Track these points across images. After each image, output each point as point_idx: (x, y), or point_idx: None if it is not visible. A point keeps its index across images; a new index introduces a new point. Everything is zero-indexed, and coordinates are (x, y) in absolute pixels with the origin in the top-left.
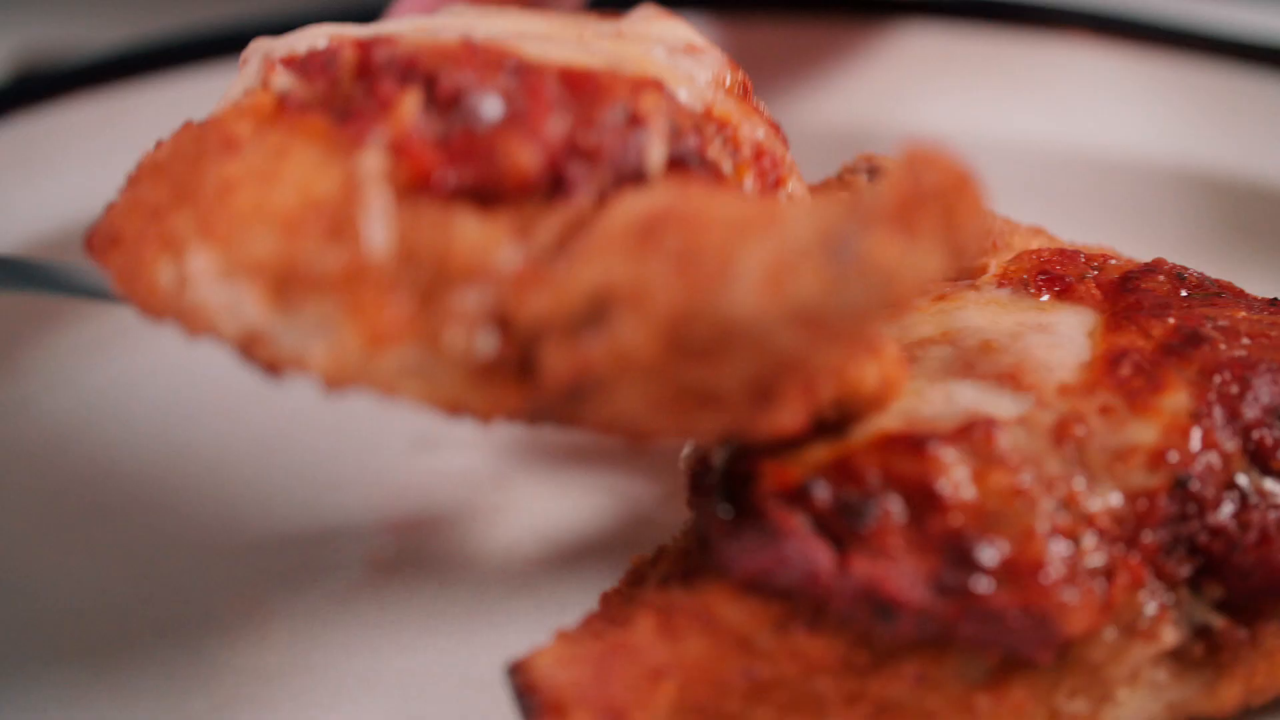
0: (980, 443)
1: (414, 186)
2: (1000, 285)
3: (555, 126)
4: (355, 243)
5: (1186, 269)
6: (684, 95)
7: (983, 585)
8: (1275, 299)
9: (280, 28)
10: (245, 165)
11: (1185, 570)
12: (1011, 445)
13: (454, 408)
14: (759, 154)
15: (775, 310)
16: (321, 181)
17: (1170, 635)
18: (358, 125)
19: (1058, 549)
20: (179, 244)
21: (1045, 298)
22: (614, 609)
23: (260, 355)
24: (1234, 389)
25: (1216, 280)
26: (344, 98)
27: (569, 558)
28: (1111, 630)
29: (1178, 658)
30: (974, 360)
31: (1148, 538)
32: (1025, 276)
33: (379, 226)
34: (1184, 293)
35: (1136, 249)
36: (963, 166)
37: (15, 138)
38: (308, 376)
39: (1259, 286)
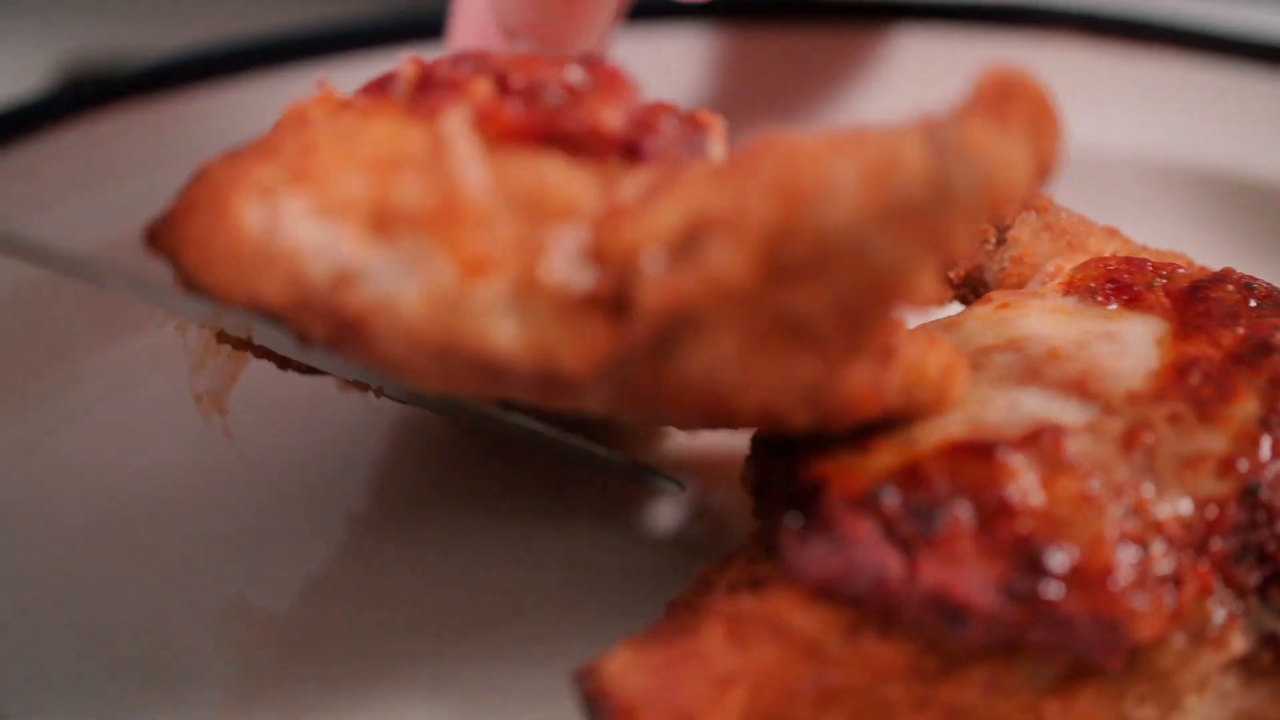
0: (1049, 449)
1: (501, 138)
2: (1066, 293)
3: (633, 97)
4: (449, 181)
5: (1255, 279)
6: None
7: (1052, 591)
8: None
9: (335, 37)
10: (325, 131)
11: (1254, 578)
12: (1080, 452)
13: (543, 355)
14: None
15: (875, 209)
16: (408, 137)
17: (1239, 643)
18: (434, 102)
19: (1127, 555)
20: (268, 189)
21: (1113, 306)
22: (681, 617)
23: (347, 301)
24: None
25: None
26: (411, 99)
27: (633, 567)
28: (1180, 637)
29: (1246, 666)
30: (1040, 367)
31: (1216, 545)
32: (1092, 285)
33: (472, 165)
34: (1253, 303)
35: (1200, 256)
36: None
37: (65, 146)
38: (392, 326)
39: None
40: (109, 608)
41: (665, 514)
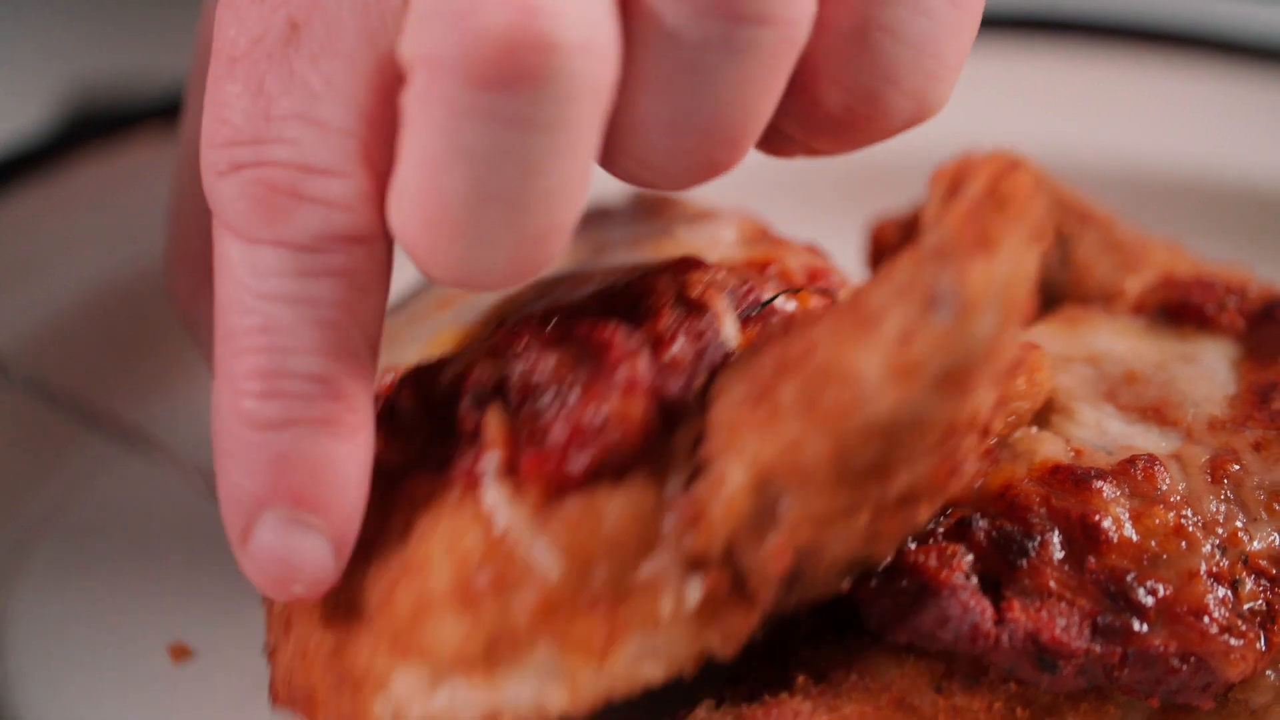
0: (1143, 480)
1: (546, 496)
2: (1137, 313)
3: (640, 365)
4: (529, 580)
5: None
6: (719, 255)
7: (1143, 628)
8: None
9: None
10: (388, 568)
11: None
12: (1170, 483)
13: (696, 661)
14: (813, 275)
15: (918, 391)
16: (464, 543)
17: None
18: (461, 466)
19: (1218, 592)
20: (376, 679)
21: (1185, 327)
22: (764, 669)
23: None
24: None
25: None
26: (425, 439)
27: None
28: (1272, 674)
29: None
30: (1117, 389)
31: None
32: (1163, 304)
33: (541, 553)
34: None
35: (1265, 272)
36: (990, 155)
37: (73, 183)
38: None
39: None
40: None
41: None
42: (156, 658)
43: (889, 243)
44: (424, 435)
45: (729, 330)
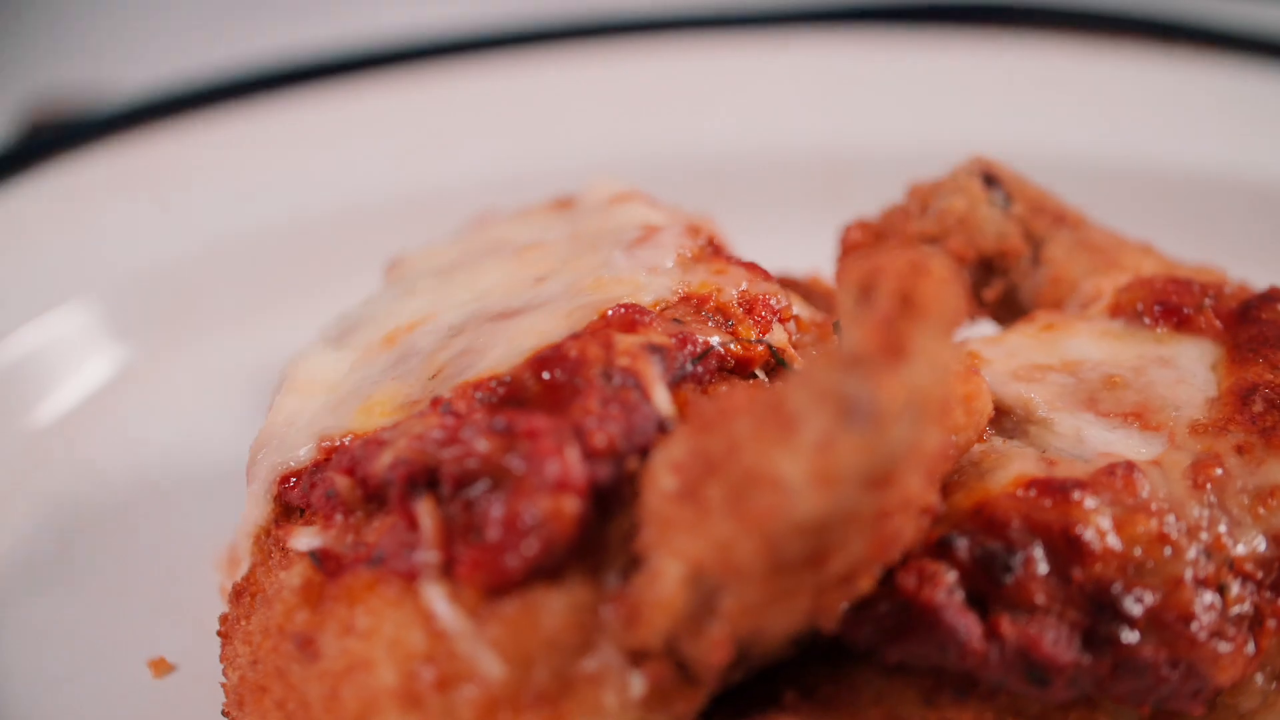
0: (1122, 489)
1: (484, 595)
2: (1114, 315)
3: (571, 460)
4: (472, 678)
5: None
6: (657, 293)
7: (1132, 638)
8: None
9: (298, 72)
10: (334, 664)
11: None
12: (1151, 490)
13: None
14: (750, 305)
15: (842, 493)
16: (406, 641)
17: None
18: (397, 562)
19: (1205, 598)
20: None
21: (1162, 329)
22: (751, 685)
23: None
24: None
25: None
26: (366, 520)
27: None
28: (1260, 678)
29: None
30: (1097, 395)
31: None
32: (1140, 307)
33: (483, 652)
34: None
35: (1238, 269)
36: (894, 256)
37: (31, 197)
38: None
39: None
40: None
41: None
42: (138, 672)
43: (859, 248)
44: (362, 517)
45: (660, 399)
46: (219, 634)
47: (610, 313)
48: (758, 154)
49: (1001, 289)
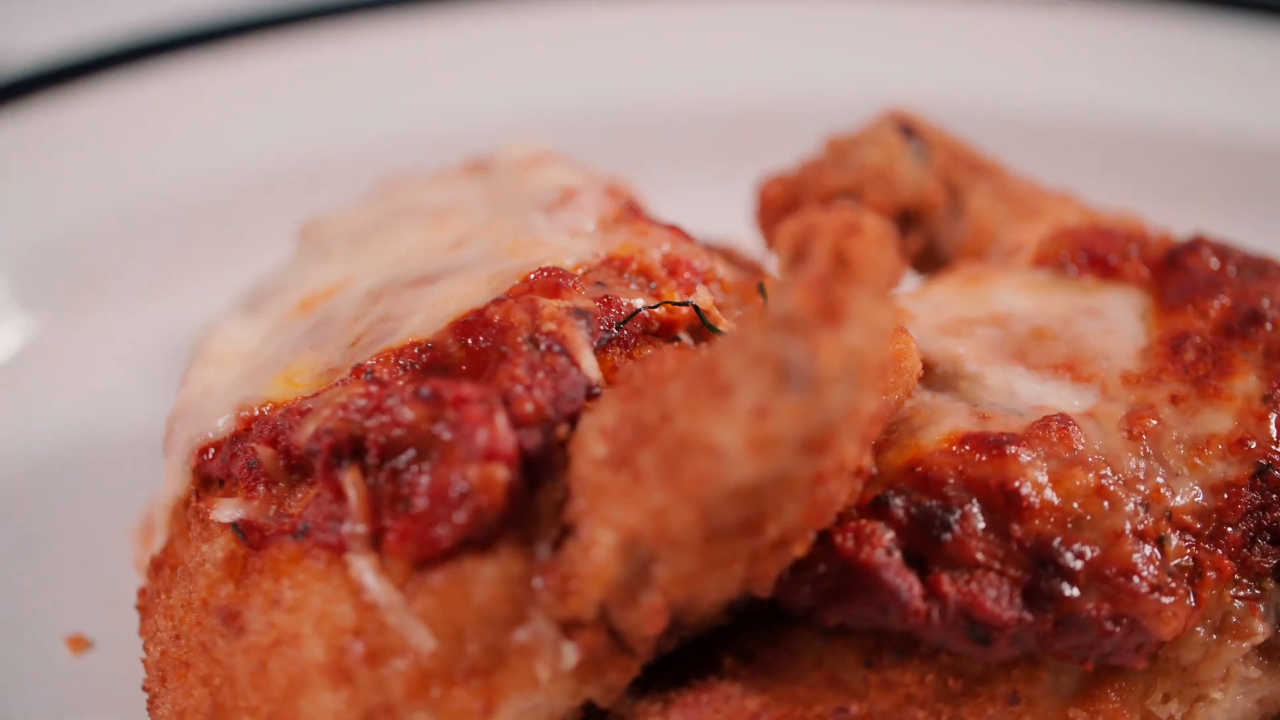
0: (1058, 442)
1: (414, 567)
2: (1039, 266)
3: (499, 427)
4: (403, 652)
5: (1228, 244)
6: (579, 255)
7: (1074, 593)
8: None
9: (203, 34)
10: (261, 638)
11: (1270, 561)
12: (1087, 443)
13: (580, 711)
14: (673, 268)
15: (779, 458)
16: (334, 615)
17: (1261, 629)
18: (324, 534)
19: (1145, 550)
20: None
21: (1088, 279)
22: (688, 651)
23: None
24: None
25: (1258, 253)
26: (289, 490)
27: None
28: (1203, 630)
29: (1266, 651)
30: (1027, 348)
31: (1231, 531)
32: (1065, 257)
33: (413, 625)
34: (1232, 269)
35: (1156, 215)
36: (828, 215)
37: None
38: None
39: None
40: None
41: None
42: (55, 650)
43: (777, 202)
44: (284, 488)
45: (587, 364)
46: (137, 608)
47: (533, 276)
48: (668, 110)
49: (922, 241)
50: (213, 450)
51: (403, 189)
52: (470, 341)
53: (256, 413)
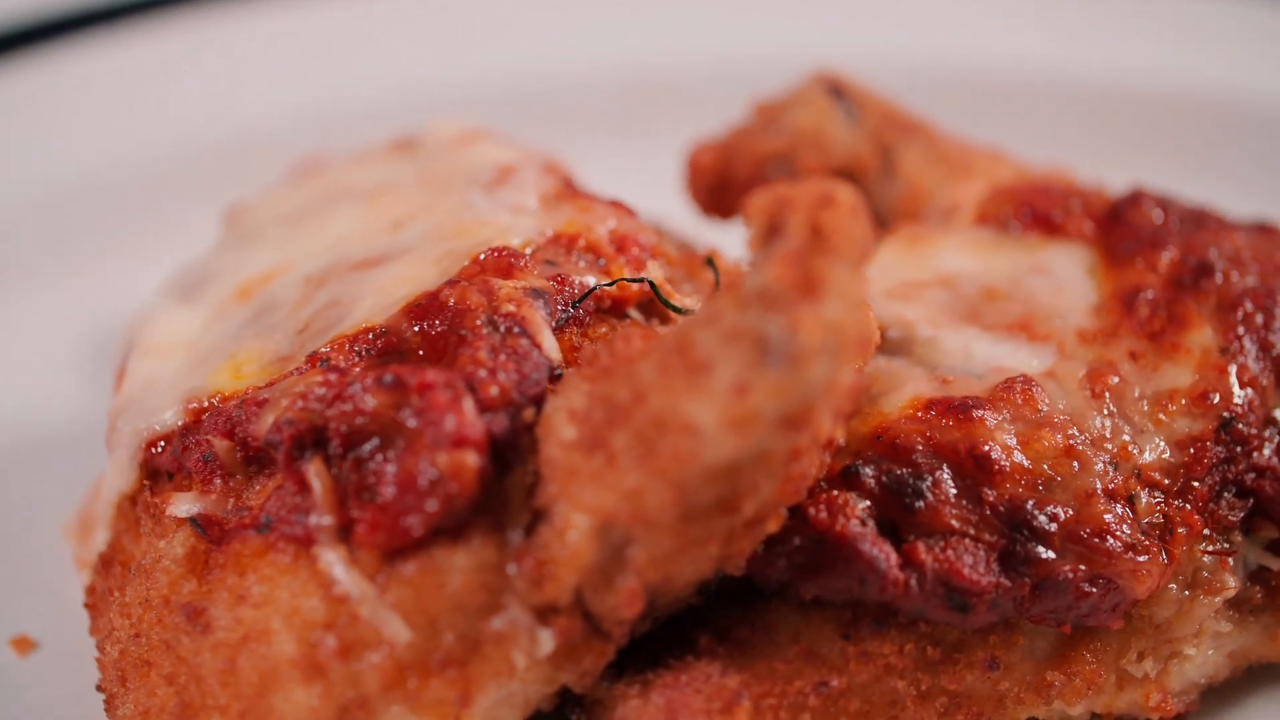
0: (1023, 404)
1: (384, 557)
2: (980, 225)
3: (467, 412)
4: (376, 644)
5: (1168, 196)
6: (525, 234)
7: (1049, 555)
8: (1260, 221)
9: (117, 9)
10: (229, 635)
11: (1237, 514)
12: (1051, 403)
13: (557, 697)
14: (621, 244)
15: (756, 435)
16: (304, 609)
17: (1231, 583)
18: (288, 526)
19: (1116, 509)
20: None
21: (1032, 236)
22: (663, 630)
23: None
24: (1259, 319)
25: (1193, 203)
26: (246, 483)
27: None
28: (1175, 587)
29: (1237, 606)
30: (979, 308)
31: (1199, 485)
32: (1007, 214)
33: (386, 616)
34: (1175, 221)
35: (1085, 167)
36: (801, 188)
37: None
38: None
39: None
40: None
41: None
42: (1, 652)
43: (708, 170)
44: (242, 480)
45: (549, 345)
46: (86, 606)
47: (483, 256)
48: (585, 79)
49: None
50: (162, 443)
51: (328, 170)
52: (426, 325)
53: (206, 404)
